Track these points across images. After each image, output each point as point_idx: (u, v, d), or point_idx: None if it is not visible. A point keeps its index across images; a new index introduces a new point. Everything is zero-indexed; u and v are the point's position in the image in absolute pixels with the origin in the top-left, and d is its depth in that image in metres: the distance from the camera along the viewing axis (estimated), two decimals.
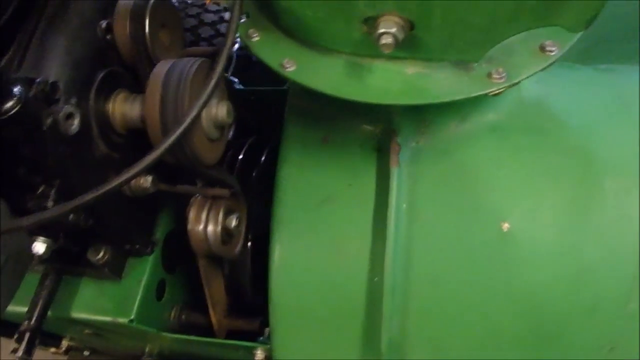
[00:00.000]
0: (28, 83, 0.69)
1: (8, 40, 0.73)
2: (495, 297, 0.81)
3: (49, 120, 0.72)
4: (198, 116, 0.74)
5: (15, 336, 0.92)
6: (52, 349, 1.24)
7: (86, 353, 1.30)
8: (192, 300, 1.14)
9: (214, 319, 1.06)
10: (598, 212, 0.82)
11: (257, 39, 0.78)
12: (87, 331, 1.07)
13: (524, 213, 0.81)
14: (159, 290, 1.04)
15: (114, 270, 0.98)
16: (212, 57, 0.79)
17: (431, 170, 0.84)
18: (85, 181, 0.80)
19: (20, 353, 0.91)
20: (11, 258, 0.79)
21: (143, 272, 1.00)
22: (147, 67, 0.85)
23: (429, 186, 0.83)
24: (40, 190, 0.79)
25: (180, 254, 1.09)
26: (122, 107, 0.84)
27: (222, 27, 1.47)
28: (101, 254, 0.95)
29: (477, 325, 0.83)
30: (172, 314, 1.09)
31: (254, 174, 1.17)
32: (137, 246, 0.99)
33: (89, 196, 0.66)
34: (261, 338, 1.01)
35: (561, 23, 0.66)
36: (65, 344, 1.24)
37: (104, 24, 0.83)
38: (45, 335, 1.14)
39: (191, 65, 0.79)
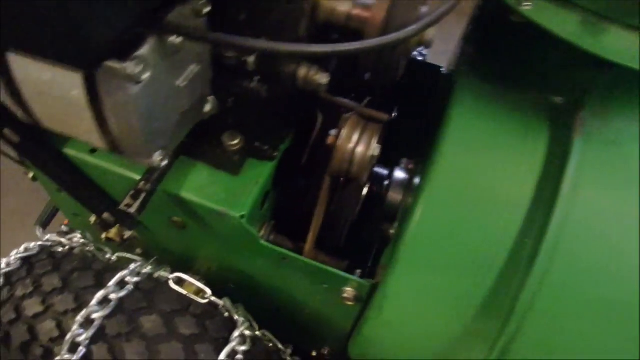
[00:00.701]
0: None
1: None
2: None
3: None
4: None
5: (131, 193, 0.90)
6: (112, 232, 1.20)
7: (138, 251, 1.26)
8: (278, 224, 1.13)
9: (307, 245, 1.05)
10: None
11: None
12: (176, 218, 1.04)
13: None
14: (263, 201, 1.02)
15: (238, 164, 0.97)
16: None
17: (601, 154, 0.86)
18: None
19: (134, 209, 0.88)
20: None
21: (261, 174, 0.99)
22: None
23: (597, 167, 0.85)
24: None
25: (285, 173, 1.09)
26: (333, 1, 0.84)
27: None
28: (236, 140, 0.94)
29: (612, 315, 0.83)
30: (263, 230, 1.07)
31: None
32: (266, 147, 0.98)
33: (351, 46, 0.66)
34: (355, 276, 1.00)
35: None
36: (129, 233, 1.20)
37: None
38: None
39: None
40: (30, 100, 0.68)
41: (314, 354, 1.41)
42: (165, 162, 0.75)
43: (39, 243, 1.04)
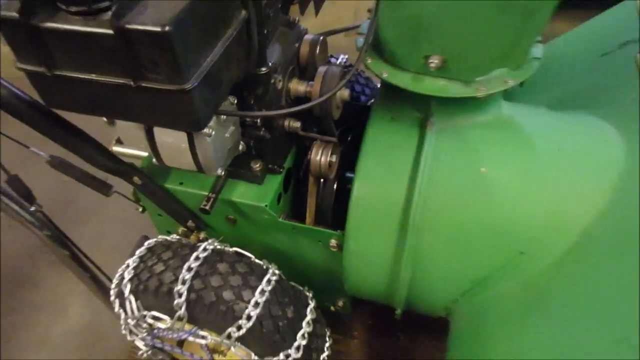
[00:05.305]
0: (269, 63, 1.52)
1: None
2: (476, 218, 1.55)
3: (272, 80, 1.54)
4: (336, 93, 1.56)
5: (206, 198, 1.69)
6: (192, 237, 1.99)
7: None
8: (292, 214, 1.92)
9: (307, 222, 1.83)
10: (541, 170, 1.52)
11: (369, 61, 1.62)
12: (230, 216, 1.83)
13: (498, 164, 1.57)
14: (278, 198, 1.82)
15: (261, 178, 1.77)
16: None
17: (447, 141, 1.54)
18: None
19: (208, 206, 1.67)
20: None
21: (275, 183, 1.77)
22: (312, 68, 1.69)
23: (446, 149, 1.55)
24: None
25: (289, 183, 1.88)
26: (296, 85, 1.66)
27: None
28: (258, 165, 1.74)
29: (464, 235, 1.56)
30: (281, 218, 1.86)
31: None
32: (276, 167, 1.78)
33: (297, 108, 1.47)
34: (337, 232, 1.76)
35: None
36: (202, 234, 1.99)
37: (297, 44, 1.69)
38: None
39: (337, 68, 1.63)
40: (161, 150, 1.50)
41: (332, 309, 2.13)
42: (223, 173, 1.55)
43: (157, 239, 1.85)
